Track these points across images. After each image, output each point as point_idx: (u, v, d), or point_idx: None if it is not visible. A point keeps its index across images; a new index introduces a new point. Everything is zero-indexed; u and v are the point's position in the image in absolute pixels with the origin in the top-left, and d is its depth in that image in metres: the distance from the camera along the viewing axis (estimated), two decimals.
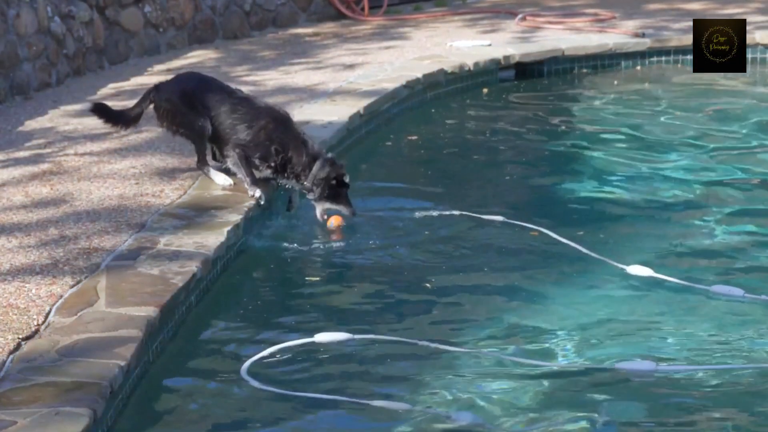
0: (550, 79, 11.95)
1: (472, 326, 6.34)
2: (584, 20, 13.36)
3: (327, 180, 7.52)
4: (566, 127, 10.55)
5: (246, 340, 6.20)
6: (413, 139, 10.00)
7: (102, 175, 7.93)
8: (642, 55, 12.35)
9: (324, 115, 9.34)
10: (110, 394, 5.07)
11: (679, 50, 12.27)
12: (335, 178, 7.52)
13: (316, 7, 13.90)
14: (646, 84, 11.89)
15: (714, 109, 10.85)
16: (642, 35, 12.43)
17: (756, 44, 12.27)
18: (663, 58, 12.40)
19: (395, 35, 12.94)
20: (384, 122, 10.14)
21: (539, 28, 13.09)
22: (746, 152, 9.51)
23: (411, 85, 10.62)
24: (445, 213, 7.87)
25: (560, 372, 5.84)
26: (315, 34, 13.07)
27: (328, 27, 13.55)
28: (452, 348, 5.99)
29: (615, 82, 11.92)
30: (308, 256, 7.27)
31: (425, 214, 7.83)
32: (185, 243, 6.70)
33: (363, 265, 7.19)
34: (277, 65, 11.46)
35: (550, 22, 13.29)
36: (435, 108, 10.88)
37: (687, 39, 11.63)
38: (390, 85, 10.41)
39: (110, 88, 10.48)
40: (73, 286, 6.11)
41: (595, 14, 13.57)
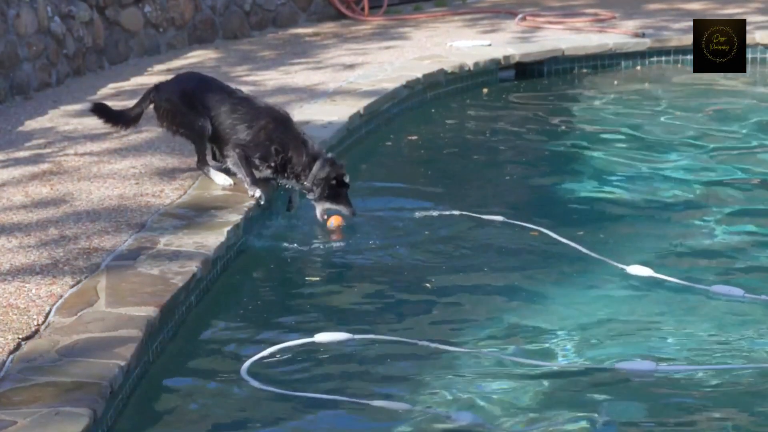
0: (550, 79, 11.95)
1: (472, 326, 6.34)
2: (584, 20, 13.36)
3: (327, 180, 7.51)
4: (566, 127, 10.54)
5: (246, 340, 6.20)
6: (413, 139, 9.99)
7: (102, 175, 7.93)
8: (642, 55, 12.35)
9: (324, 115, 9.33)
10: (110, 394, 5.07)
11: (679, 50, 12.27)
12: (335, 178, 7.51)
13: (316, 7, 13.89)
14: (646, 84, 11.89)
15: (714, 109, 10.85)
16: (642, 35, 12.42)
17: (756, 44, 12.26)
18: (663, 58, 12.39)
19: (395, 35, 12.94)
20: (384, 122, 10.14)
21: (539, 28, 13.09)
22: (746, 152, 9.50)
23: (411, 85, 10.62)
24: (446, 213, 7.87)
25: (560, 372, 5.83)
26: (315, 34, 13.07)
27: (328, 27, 13.54)
28: (452, 348, 5.99)
29: (615, 82, 11.92)
30: (308, 256, 7.27)
31: (425, 214, 7.83)
32: (185, 243, 6.70)
33: (363, 265, 7.19)
34: (277, 65, 11.46)
35: (550, 22, 13.28)
36: (435, 108, 10.88)
37: (687, 39, 11.63)
38: (390, 85, 10.41)
39: (110, 88, 10.47)
40: (73, 286, 6.11)
41: (595, 14, 13.56)
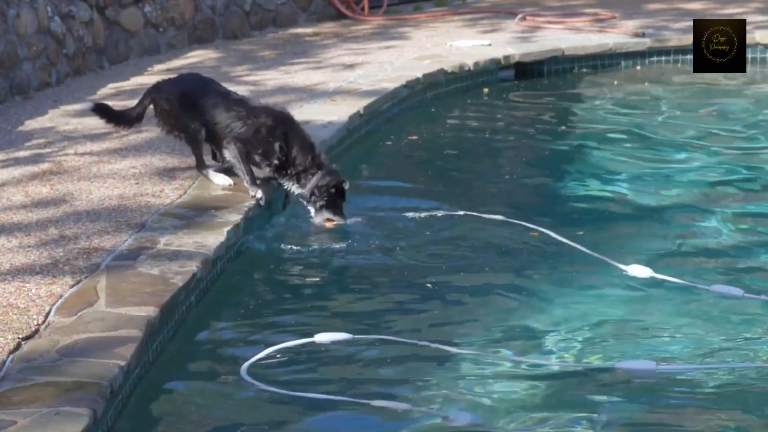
0: (550, 79, 11.94)
1: (472, 326, 6.34)
2: (584, 20, 13.35)
3: (327, 187, 7.54)
4: (566, 127, 10.54)
5: (246, 340, 6.20)
6: (413, 139, 9.99)
7: (102, 175, 7.93)
8: (642, 55, 12.34)
9: (324, 115, 9.33)
10: (110, 394, 5.07)
11: (679, 50, 12.26)
12: (335, 186, 7.54)
13: (316, 7, 13.89)
14: (646, 84, 11.88)
15: (714, 109, 10.85)
16: (642, 35, 12.42)
17: (756, 44, 12.26)
18: (663, 58, 12.39)
19: (395, 35, 12.94)
20: (384, 122, 10.14)
21: (539, 28, 13.08)
22: (746, 152, 9.50)
23: (411, 85, 10.62)
24: (446, 213, 7.87)
25: (560, 372, 5.83)
26: (315, 34, 13.07)
27: (328, 27, 13.54)
28: (452, 348, 5.98)
29: (615, 82, 11.92)
30: (308, 256, 7.27)
31: (425, 214, 7.82)
32: (185, 243, 6.70)
33: (363, 265, 7.19)
34: (277, 65, 11.46)
35: (550, 22, 13.28)
36: (435, 108, 10.87)
37: (687, 39, 11.62)
38: (390, 85, 10.40)
39: (110, 88, 10.47)
40: (73, 286, 6.11)
41: (595, 14, 13.56)
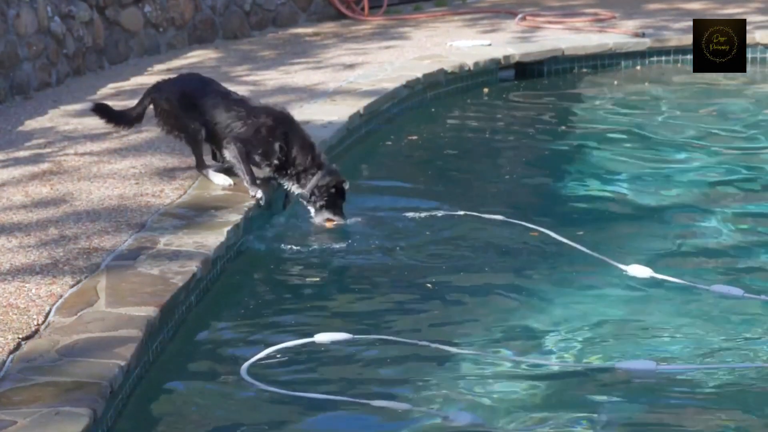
0: (550, 79, 11.94)
1: (473, 326, 6.34)
2: (584, 20, 13.35)
3: (327, 187, 7.54)
4: (566, 127, 10.54)
5: (246, 340, 6.20)
6: (413, 139, 9.99)
7: (102, 175, 7.93)
8: (642, 55, 12.34)
9: (324, 115, 9.33)
10: (110, 394, 5.07)
11: (679, 50, 12.26)
12: (335, 186, 7.54)
13: (316, 7, 13.89)
14: (646, 84, 11.88)
15: (714, 109, 10.85)
16: (642, 35, 12.42)
17: (756, 44, 12.26)
18: (663, 58, 12.39)
19: (395, 35, 12.94)
20: (384, 122, 10.14)
21: (539, 28, 13.08)
22: (746, 152, 9.50)
23: (411, 85, 10.62)
24: (446, 213, 7.87)
25: (560, 372, 5.83)
26: (315, 34, 13.07)
27: (328, 27, 13.54)
28: (452, 348, 5.98)
29: (615, 82, 11.92)
30: (308, 256, 7.26)
31: (425, 214, 7.82)
32: (185, 243, 6.70)
33: (363, 265, 7.19)
34: (277, 65, 11.46)
35: (550, 22, 13.28)
36: (435, 108, 10.87)
37: (687, 39, 11.61)
38: (390, 85, 10.40)
39: (110, 88, 10.47)
40: (73, 286, 6.11)
41: (595, 14, 13.56)
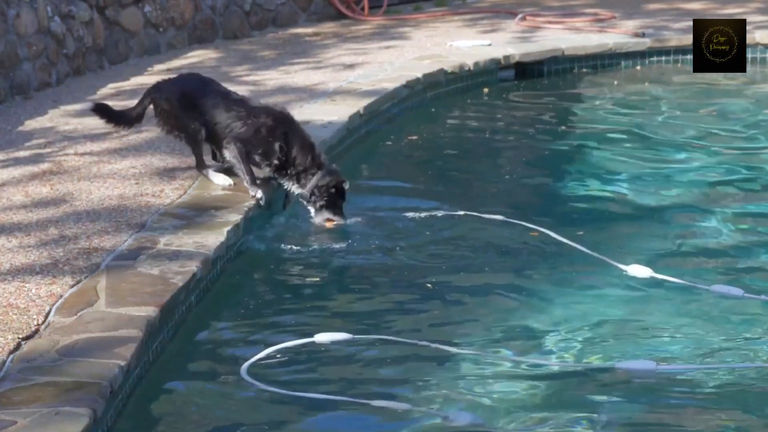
0: (550, 79, 11.94)
1: (473, 326, 6.34)
2: (584, 20, 13.35)
3: (327, 187, 7.54)
4: (566, 127, 10.54)
5: (246, 340, 6.20)
6: (413, 139, 9.99)
7: (102, 175, 7.93)
8: (642, 55, 12.34)
9: (324, 115, 9.33)
10: (110, 394, 5.07)
11: (679, 50, 12.26)
12: (335, 186, 7.54)
13: (316, 7, 13.89)
14: (646, 84, 11.88)
15: (714, 109, 10.85)
16: (642, 35, 12.42)
17: (756, 44, 12.26)
18: (663, 58, 12.39)
19: (395, 35, 12.94)
20: (384, 122, 10.14)
21: (539, 28, 13.08)
22: (746, 152, 9.50)
23: (411, 85, 10.62)
24: (446, 213, 7.87)
25: (560, 372, 5.83)
26: (315, 34, 13.07)
27: (328, 27, 13.54)
28: (452, 348, 5.98)
29: (615, 82, 11.92)
30: (308, 256, 7.26)
31: (425, 214, 7.82)
32: (185, 243, 6.70)
33: (363, 265, 7.19)
34: (277, 65, 11.46)
35: (550, 22, 13.28)
36: (435, 108, 10.87)
37: (687, 39, 11.62)
38: (390, 85, 10.40)
39: (110, 88, 10.47)
40: (73, 286, 6.11)
41: (595, 14, 13.56)
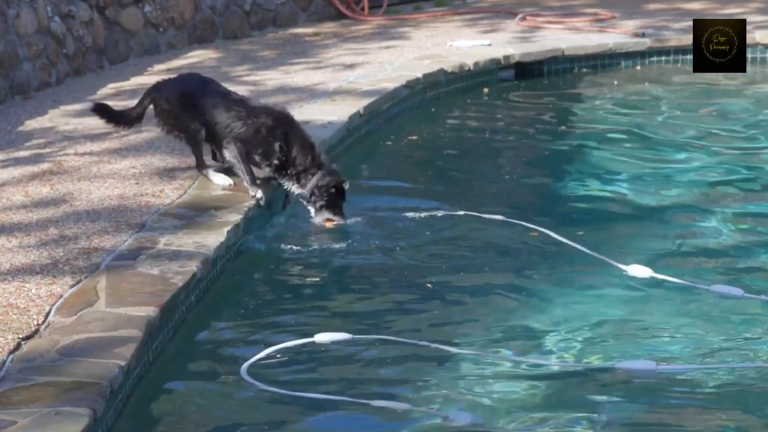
0: (550, 79, 11.94)
1: (473, 326, 6.34)
2: (584, 20, 13.35)
3: (327, 187, 7.54)
4: (566, 127, 10.54)
5: (246, 340, 6.20)
6: (413, 139, 9.99)
7: (102, 175, 7.93)
8: (642, 55, 12.34)
9: (324, 115, 9.33)
10: (110, 394, 5.07)
11: (679, 50, 12.26)
12: (335, 186, 7.54)
13: (316, 7, 13.89)
14: (646, 84, 11.88)
15: (714, 109, 10.85)
16: (642, 35, 12.42)
17: (756, 44, 12.26)
18: (663, 58, 12.38)
19: (395, 35, 12.94)
20: (384, 122, 10.14)
21: (539, 28, 13.08)
22: (746, 152, 9.50)
23: (411, 85, 10.62)
24: (446, 213, 7.87)
25: (560, 372, 5.83)
26: (315, 34, 13.07)
27: (328, 27, 13.54)
28: (452, 348, 5.98)
29: (615, 82, 11.92)
30: (308, 256, 7.27)
31: (425, 214, 7.82)
32: (185, 243, 6.70)
33: (363, 265, 7.19)
34: (277, 65, 11.46)
35: (550, 22, 13.28)
36: (435, 108, 10.87)
37: (687, 39, 11.62)
38: (390, 85, 10.40)
39: (110, 88, 10.47)
40: (73, 286, 6.11)
41: (595, 14, 13.56)
